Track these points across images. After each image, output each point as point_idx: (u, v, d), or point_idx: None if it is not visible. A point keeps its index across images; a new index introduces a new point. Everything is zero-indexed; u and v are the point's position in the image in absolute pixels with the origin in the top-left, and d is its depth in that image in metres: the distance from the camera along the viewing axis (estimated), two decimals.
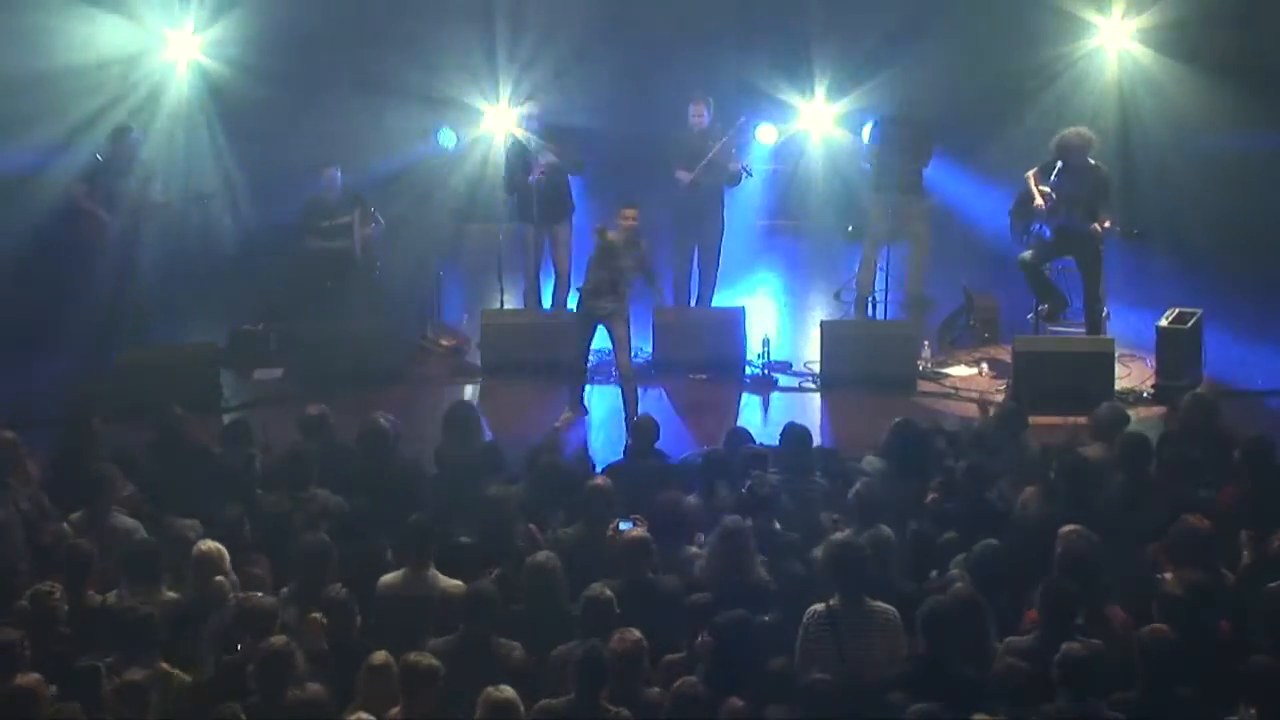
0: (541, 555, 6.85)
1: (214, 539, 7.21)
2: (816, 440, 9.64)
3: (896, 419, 8.49)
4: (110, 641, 6.51)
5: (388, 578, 7.06)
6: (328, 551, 7.09)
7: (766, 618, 6.53)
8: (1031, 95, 13.51)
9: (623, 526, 7.48)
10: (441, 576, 6.99)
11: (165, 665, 6.31)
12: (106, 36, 12.97)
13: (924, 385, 11.17)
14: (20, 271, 12.29)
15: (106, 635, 6.58)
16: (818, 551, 7.13)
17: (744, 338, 11.56)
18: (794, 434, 8.39)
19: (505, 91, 12.72)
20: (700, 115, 11.98)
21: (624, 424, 10.11)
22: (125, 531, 7.57)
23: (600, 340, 10.79)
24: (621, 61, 14.36)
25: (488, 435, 9.25)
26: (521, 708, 5.86)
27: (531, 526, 7.62)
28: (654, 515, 7.56)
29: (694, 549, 7.49)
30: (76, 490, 7.91)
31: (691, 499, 7.86)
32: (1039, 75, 13.53)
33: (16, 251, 12.34)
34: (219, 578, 6.85)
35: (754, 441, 8.58)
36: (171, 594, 6.96)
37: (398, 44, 14.21)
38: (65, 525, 7.66)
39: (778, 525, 7.54)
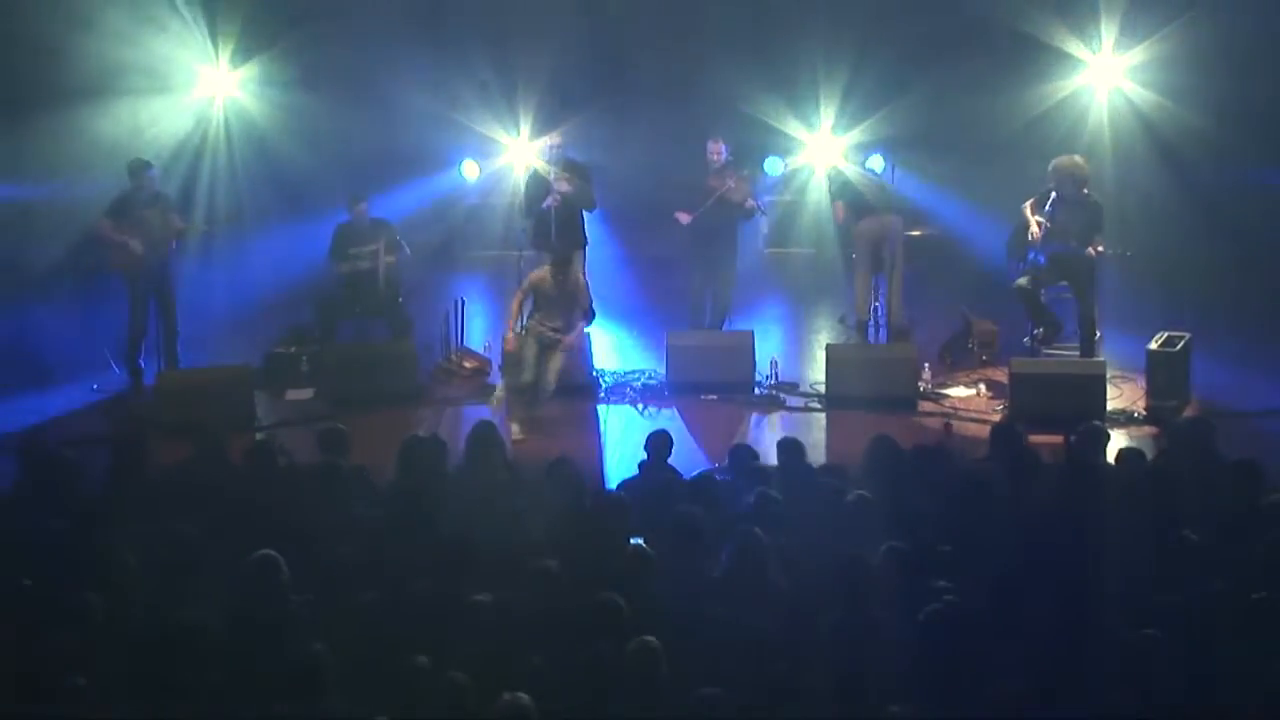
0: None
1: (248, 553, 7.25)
2: (822, 457, 9.79)
3: (872, 436, 8.49)
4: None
5: (415, 587, 7.10)
6: (358, 563, 7.15)
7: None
8: (1027, 128, 13.60)
9: (633, 542, 7.52)
10: (470, 588, 7.04)
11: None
12: (142, 67, 13.06)
13: (925, 405, 11.23)
14: (50, 295, 12.44)
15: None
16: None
17: (753, 360, 11.65)
18: (789, 446, 8.45)
19: (525, 126, 12.89)
20: (718, 154, 12.09)
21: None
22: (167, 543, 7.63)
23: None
24: (633, 97, 14.50)
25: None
26: (537, 716, 5.76)
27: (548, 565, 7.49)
28: (669, 530, 7.59)
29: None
30: (129, 506, 7.92)
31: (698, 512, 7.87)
32: (1034, 109, 13.64)
33: (46, 276, 12.50)
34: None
35: (757, 458, 8.60)
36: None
37: (423, 80, 14.38)
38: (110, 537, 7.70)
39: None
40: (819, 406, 11.34)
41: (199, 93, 13.76)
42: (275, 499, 8.06)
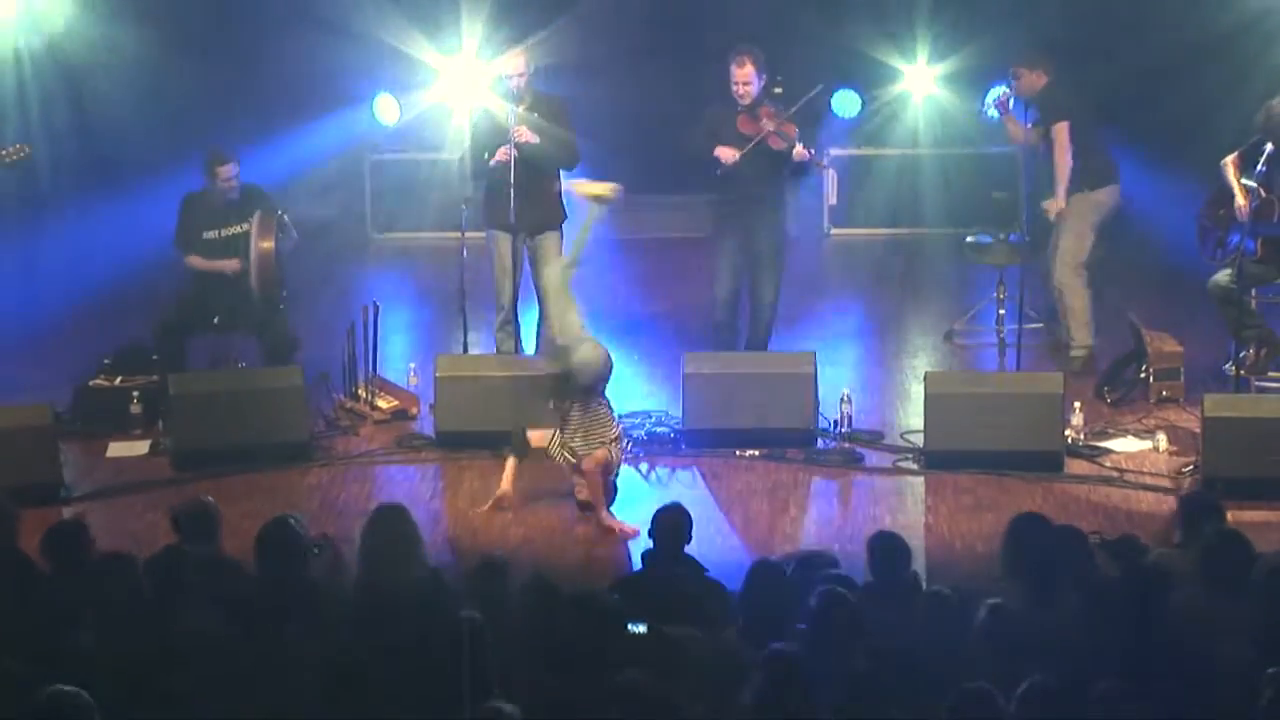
0: None
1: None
2: (919, 547, 9.73)
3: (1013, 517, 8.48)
4: None
5: None
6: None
7: None
8: (1219, 54, 13.63)
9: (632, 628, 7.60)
10: None
11: None
12: None
13: (1074, 465, 11.22)
14: None
15: None
16: None
17: (815, 396, 11.61)
18: (885, 546, 8.34)
19: (470, 42, 12.86)
20: (747, 81, 11.93)
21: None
22: None
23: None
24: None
25: (431, 553, 9.15)
26: None
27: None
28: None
29: None
30: None
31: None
32: (1241, 14, 13.63)
33: None
34: None
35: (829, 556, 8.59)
36: None
37: None
38: None
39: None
40: (915, 467, 11.32)
41: None
42: (91, 610, 7.95)
